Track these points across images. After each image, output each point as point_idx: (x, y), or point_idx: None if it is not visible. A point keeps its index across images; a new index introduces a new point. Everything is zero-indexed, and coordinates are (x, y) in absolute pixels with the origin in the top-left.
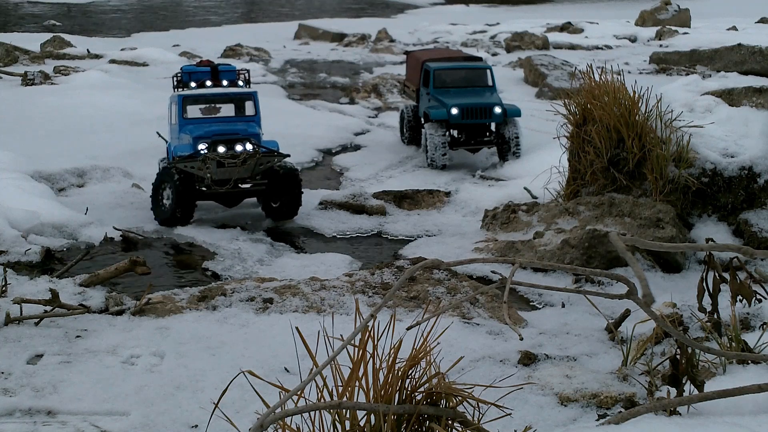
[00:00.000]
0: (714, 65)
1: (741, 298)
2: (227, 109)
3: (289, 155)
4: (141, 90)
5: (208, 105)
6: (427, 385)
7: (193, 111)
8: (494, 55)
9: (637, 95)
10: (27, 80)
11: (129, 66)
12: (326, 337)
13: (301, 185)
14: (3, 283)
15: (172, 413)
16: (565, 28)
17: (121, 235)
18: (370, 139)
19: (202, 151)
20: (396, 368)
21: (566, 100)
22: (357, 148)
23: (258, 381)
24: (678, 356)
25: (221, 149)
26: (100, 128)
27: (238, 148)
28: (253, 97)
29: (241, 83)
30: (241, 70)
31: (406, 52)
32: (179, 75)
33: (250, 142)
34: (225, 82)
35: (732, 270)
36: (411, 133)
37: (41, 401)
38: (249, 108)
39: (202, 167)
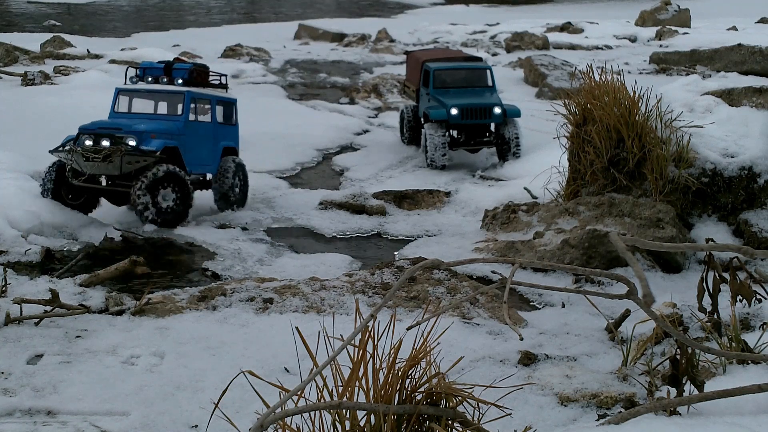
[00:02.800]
0: (714, 65)
1: (741, 298)
2: (161, 107)
3: (164, 157)
4: None
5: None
6: (427, 385)
7: (125, 105)
8: (494, 55)
9: (637, 95)
10: (27, 80)
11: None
12: (326, 337)
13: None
14: (3, 283)
15: (172, 413)
16: (565, 28)
17: (121, 235)
18: (370, 139)
19: (84, 142)
20: (396, 368)
21: (566, 100)
22: (357, 148)
23: (258, 381)
24: (678, 356)
25: (88, 143)
26: None
27: (104, 143)
28: (184, 96)
29: (177, 83)
30: (214, 72)
31: (406, 52)
32: (137, 69)
33: (115, 139)
34: (176, 80)
35: (732, 270)
36: (411, 133)
37: (41, 401)
38: (178, 107)
39: (69, 159)
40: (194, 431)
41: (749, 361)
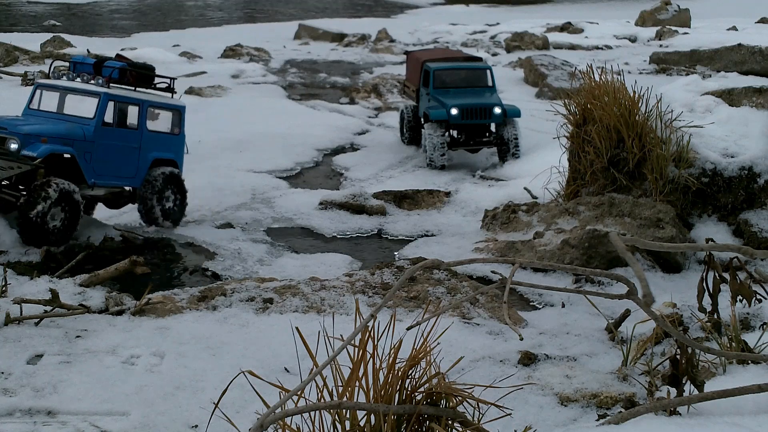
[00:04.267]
0: (714, 65)
1: (741, 298)
2: (81, 108)
3: (42, 166)
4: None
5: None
6: (427, 385)
7: (49, 103)
8: (494, 55)
9: (637, 95)
10: (27, 80)
11: None
12: (326, 337)
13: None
14: (3, 283)
15: (172, 413)
16: (565, 28)
17: (121, 235)
18: (370, 139)
19: None
20: (396, 368)
21: (566, 100)
22: (357, 148)
23: (258, 381)
24: (678, 356)
25: None
26: None
27: None
28: (99, 97)
29: (97, 81)
30: (161, 75)
31: (406, 52)
32: (69, 63)
33: None
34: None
35: (732, 270)
36: (411, 133)
37: (41, 401)
38: (91, 110)
39: None
40: (194, 431)
41: (749, 361)
